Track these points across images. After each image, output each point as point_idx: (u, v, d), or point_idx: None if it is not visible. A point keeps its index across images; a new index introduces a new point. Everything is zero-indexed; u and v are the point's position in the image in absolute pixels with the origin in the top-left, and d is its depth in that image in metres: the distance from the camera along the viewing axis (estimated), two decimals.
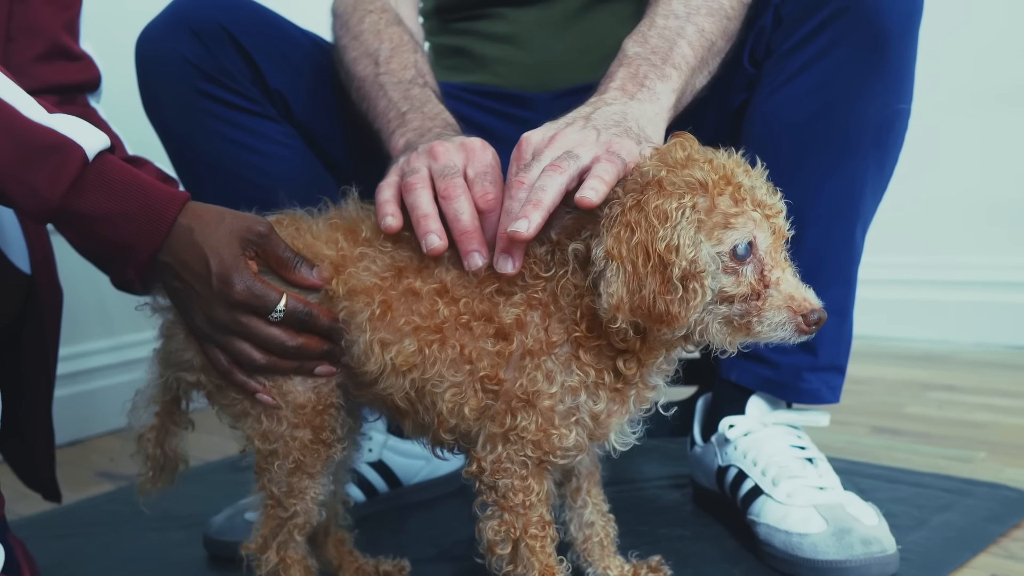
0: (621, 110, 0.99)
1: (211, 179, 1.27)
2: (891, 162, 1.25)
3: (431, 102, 1.17)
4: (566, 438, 0.92)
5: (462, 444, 0.99)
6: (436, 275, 0.95)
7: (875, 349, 2.43)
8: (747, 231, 0.85)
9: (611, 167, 0.90)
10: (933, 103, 2.49)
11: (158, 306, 1.05)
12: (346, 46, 1.28)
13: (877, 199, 1.26)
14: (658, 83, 1.04)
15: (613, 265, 0.84)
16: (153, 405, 1.08)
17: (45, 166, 0.91)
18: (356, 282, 0.96)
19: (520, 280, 0.93)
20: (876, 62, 1.15)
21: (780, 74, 1.19)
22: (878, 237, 2.60)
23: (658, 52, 1.06)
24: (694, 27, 1.10)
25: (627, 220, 0.84)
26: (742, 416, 1.29)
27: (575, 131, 0.96)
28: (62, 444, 1.41)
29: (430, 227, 0.95)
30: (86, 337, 2.24)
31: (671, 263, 0.82)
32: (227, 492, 1.48)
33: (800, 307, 0.86)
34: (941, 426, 1.76)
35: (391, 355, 0.94)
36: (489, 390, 0.92)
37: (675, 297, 0.83)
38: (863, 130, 1.18)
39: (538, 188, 0.90)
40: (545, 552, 0.96)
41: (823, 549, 1.10)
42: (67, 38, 1.26)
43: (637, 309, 0.84)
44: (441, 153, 1.00)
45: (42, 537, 1.42)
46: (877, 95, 1.17)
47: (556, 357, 0.91)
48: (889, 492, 1.38)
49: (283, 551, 1.03)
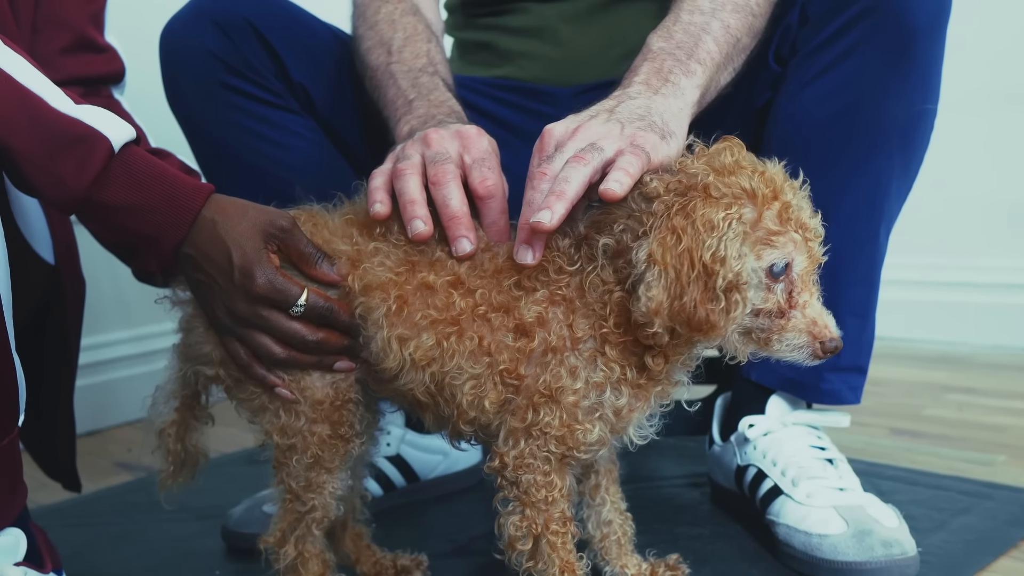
0: (645, 104, 0.99)
1: (233, 172, 1.28)
2: (916, 162, 1.24)
3: (438, 90, 1.17)
4: (590, 433, 0.92)
5: (481, 436, 0.99)
6: (450, 267, 0.95)
7: (894, 350, 2.42)
8: (787, 252, 0.86)
9: (635, 160, 0.90)
10: (952, 104, 2.47)
11: (177, 299, 1.05)
12: (362, 35, 1.29)
13: (902, 199, 1.26)
14: (683, 78, 1.03)
15: (655, 269, 0.83)
16: (173, 400, 1.08)
17: (72, 157, 0.92)
18: (371, 278, 0.96)
19: (543, 275, 0.92)
20: (903, 62, 1.14)
21: (805, 73, 1.18)
22: (898, 238, 2.57)
23: (683, 47, 1.06)
24: (720, 23, 1.09)
25: (673, 225, 0.84)
26: (762, 416, 1.29)
27: (599, 124, 0.95)
28: (81, 434, 1.42)
29: (416, 213, 0.95)
30: (106, 328, 2.25)
31: (715, 273, 0.82)
32: (245, 484, 1.49)
33: (820, 334, 0.87)
34: (961, 428, 1.75)
35: (409, 350, 0.93)
36: (509, 384, 0.92)
37: (716, 307, 0.83)
38: (889, 130, 1.17)
39: (561, 179, 0.89)
40: (566, 548, 0.96)
41: (843, 550, 1.10)
42: (92, 30, 1.27)
43: (676, 315, 0.84)
44: (435, 140, 1.00)
45: (62, 526, 1.43)
46: (903, 95, 1.16)
47: (580, 353, 0.91)
48: (908, 494, 1.37)
49: (301, 545, 1.03)
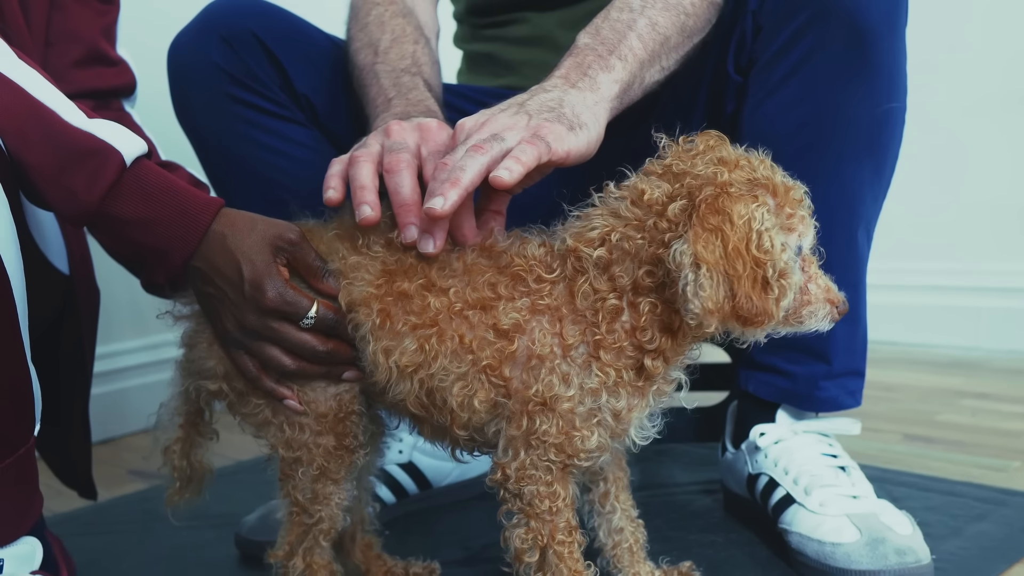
0: (558, 96, 1.00)
1: (240, 183, 1.29)
2: (890, 162, 1.22)
3: (417, 89, 1.18)
4: (588, 440, 0.92)
5: (479, 441, 0.98)
6: (420, 271, 0.95)
7: (907, 356, 2.41)
8: (802, 231, 0.90)
9: (532, 149, 0.91)
10: (962, 108, 2.47)
11: (179, 314, 1.05)
12: (353, 36, 1.30)
13: (878, 200, 1.24)
14: (600, 73, 1.04)
15: (703, 270, 0.84)
16: (177, 417, 1.09)
17: (83, 170, 0.92)
18: (356, 293, 0.96)
19: (521, 285, 0.93)
20: (860, 64, 1.13)
21: (764, 85, 1.18)
22: (909, 242, 2.57)
23: (606, 43, 1.07)
24: (646, 20, 1.09)
25: (711, 225, 0.85)
26: (772, 424, 1.29)
27: (507, 116, 0.97)
28: (96, 442, 1.43)
29: (364, 198, 0.96)
30: (120, 336, 2.26)
31: (765, 264, 0.84)
32: (259, 492, 1.49)
33: (835, 298, 0.92)
34: (975, 434, 1.74)
35: (394, 358, 0.94)
36: (496, 384, 0.93)
37: (771, 296, 0.85)
38: (855, 134, 1.16)
39: (458, 168, 0.91)
40: (573, 558, 0.96)
41: (856, 559, 1.09)
42: (104, 43, 1.28)
43: (733, 311, 0.85)
44: (395, 131, 1.01)
45: (77, 534, 1.43)
46: (866, 97, 1.15)
47: (572, 360, 0.91)
48: (922, 501, 1.36)
49: (309, 557, 1.03)
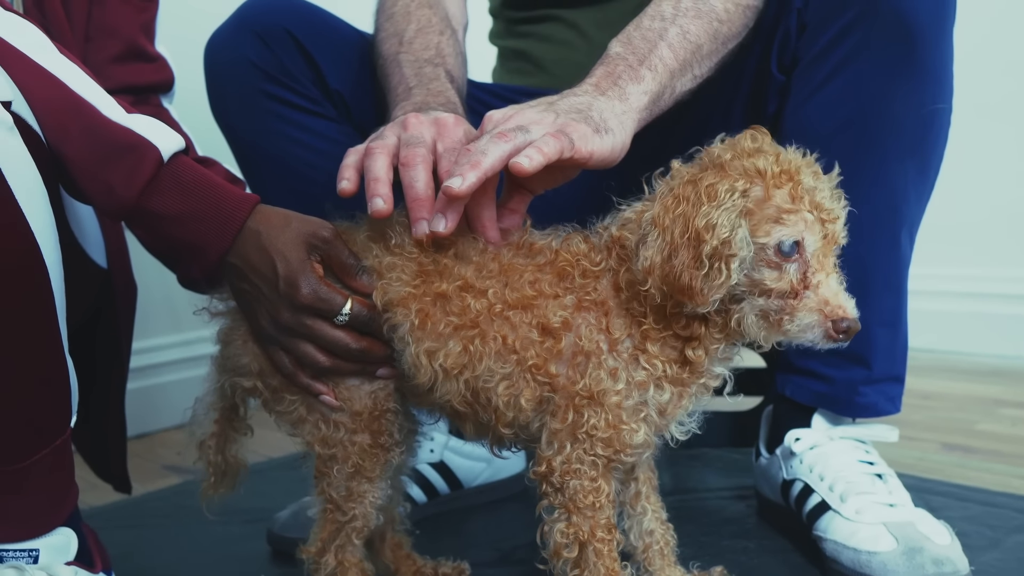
0: (588, 101, 1.00)
1: (275, 179, 1.29)
2: (934, 163, 1.20)
3: (439, 80, 1.18)
4: (636, 434, 0.92)
5: (522, 438, 0.98)
6: (457, 272, 0.95)
7: (946, 364, 2.37)
8: (796, 230, 0.86)
9: (555, 142, 0.91)
10: (1009, 111, 2.43)
11: (215, 311, 1.06)
12: (379, 27, 1.30)
13: (922, 201, 1.22)
14: (630, 84, 1.04)
15: (655, 231, 0.86)
16: (212, 412, 1.09)
17: (122, 165, 0.93)
18: (392, 293, 0.96)
19: (567, 281, 0.93)
20: (907, 63, 1.11)
21: (808, 83, 1.16)
22: (950, 249, 2.53)
23: (637, 53, 1.06)
24: (677, 29, 1.08)
25: (678, 193, 0.87)
26: (808, 429, 1.27)
27: (535, 111, 0.97)
28: (131, 437, 1.44)
29: (378, 191, 0.96)
30: (155, 332, 2.29)
31: (704, 240, 0.84)
32: (291, 488, 1.50)
33: (832, 313, 0.86)
34: (1014, 444, 1.71)
35: (439, 361, 0.94)
36: (542, 382, 0.92)
37: (699, 273, 0.84)
38: (899, 134, 1.15)
39: (479, 152, 0.91)
40: (611, 556, 0.95)
41: (893, 568, 1.07)
42: (143, 39, 1.29)
43: (666, 277, 0.86)
44: (412, 124, 1.01)
45: (111, 527, 1.45)
46: (911, 97, 1.13)
47: (619, 354, 0.91)
48: (960, 510, 1.34)
49: (341, 555, 1.03)
